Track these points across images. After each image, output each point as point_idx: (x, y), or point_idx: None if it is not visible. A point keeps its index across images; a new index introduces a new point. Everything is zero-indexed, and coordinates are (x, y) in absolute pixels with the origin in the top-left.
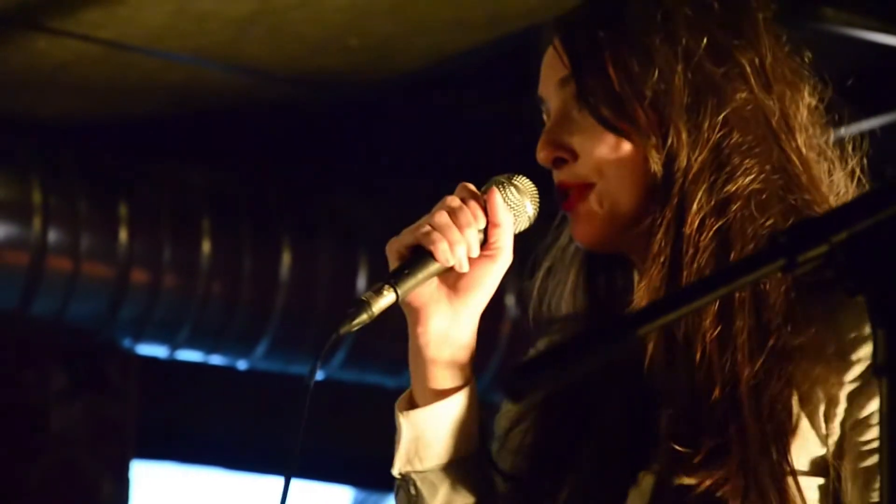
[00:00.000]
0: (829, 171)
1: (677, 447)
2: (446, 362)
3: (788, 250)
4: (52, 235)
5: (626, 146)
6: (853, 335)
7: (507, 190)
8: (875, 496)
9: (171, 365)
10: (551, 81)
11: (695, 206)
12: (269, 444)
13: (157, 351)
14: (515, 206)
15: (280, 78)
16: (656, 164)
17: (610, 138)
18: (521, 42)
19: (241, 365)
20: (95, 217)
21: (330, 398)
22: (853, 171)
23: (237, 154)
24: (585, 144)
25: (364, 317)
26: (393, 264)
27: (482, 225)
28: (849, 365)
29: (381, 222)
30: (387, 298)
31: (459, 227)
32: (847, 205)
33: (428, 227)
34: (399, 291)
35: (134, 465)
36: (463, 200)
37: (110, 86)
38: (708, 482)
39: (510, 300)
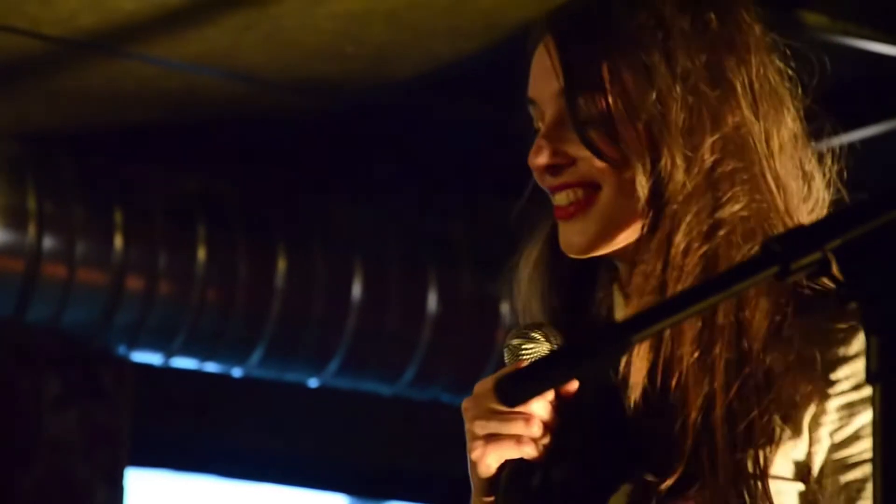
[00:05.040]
0: (809, 187)
1: (650, 472)
2: None
3: (782, 257)
4: (47, 242)
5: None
6: (840, 353)
7: (543, 345)
8: None
9: (166, 372)
10: (545, 88)
11: (683, 229)
12: (263, 452)
13: (151, 358)
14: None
15: (276, 85)
16: (643, 188)
17: None
18: (516, 49)
19: (237, 372)
20: (90, 224)
21: (325, 406)
22: (830, 183)
23: (233, 161)
24: (582, 152)
25: None
26: (485, 482)
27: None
28: (835, 381)
29: (377, 229)
30: None
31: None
32: (841, 212)
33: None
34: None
35: (128, 473)
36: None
37: (106, 92)
38: None
39: (505, 308)
